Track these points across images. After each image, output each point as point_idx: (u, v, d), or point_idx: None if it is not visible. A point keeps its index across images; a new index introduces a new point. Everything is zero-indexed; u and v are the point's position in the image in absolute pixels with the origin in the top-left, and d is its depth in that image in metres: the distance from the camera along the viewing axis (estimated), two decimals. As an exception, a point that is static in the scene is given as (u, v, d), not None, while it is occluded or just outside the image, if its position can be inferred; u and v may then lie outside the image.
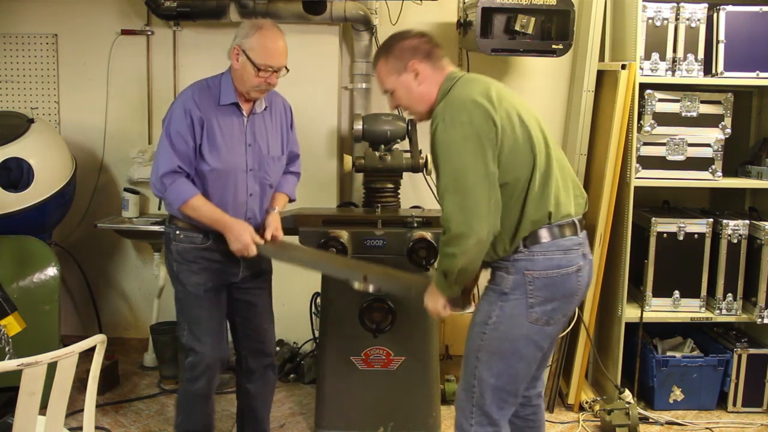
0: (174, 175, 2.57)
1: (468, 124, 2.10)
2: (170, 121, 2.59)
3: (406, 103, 2.32)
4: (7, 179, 3.47)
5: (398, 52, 2.27)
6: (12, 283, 3.29)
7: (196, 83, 2.69)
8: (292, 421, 3.47)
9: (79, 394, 2.12)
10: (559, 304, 2.19)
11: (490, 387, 2.22)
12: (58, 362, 1.87)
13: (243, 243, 2.62)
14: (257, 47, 2.56)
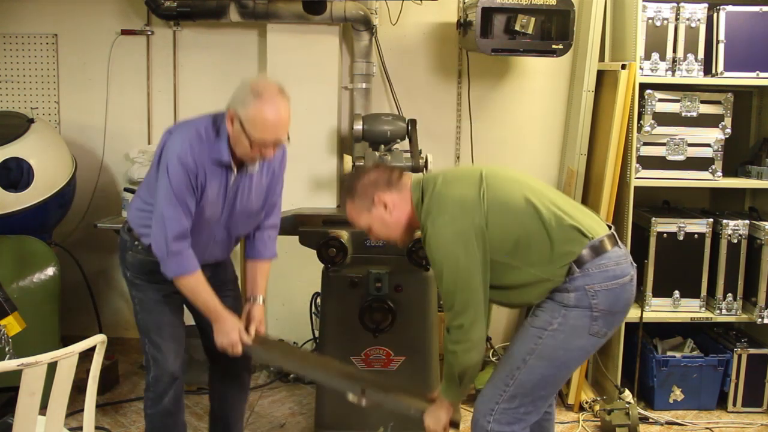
0: (183, 241, 2.36)
1: (451, 223, 2.17)
2: (171, 178, 2.31)
3: (386, 234, 2.37)
4: (7, 179, 3.47)
5: (362, 190, 2.33)
6: (12, 283, 3.29)
7: (190, 132, 2.36)
8: (292, 421, 3.47)
9: (79, 394, 2.12)
10: (619, 316, 2.24)
11: (526, 390, 2.23)
12: (58, 362, 1.87)
13: (230, 340, 2.47)
14: (254, 119, 2.25)
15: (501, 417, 2.24)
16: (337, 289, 3.12)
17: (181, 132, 2.38)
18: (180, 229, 2.35)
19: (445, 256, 2.18)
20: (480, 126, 4.13)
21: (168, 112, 4.16)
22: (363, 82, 3.97)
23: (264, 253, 2.68)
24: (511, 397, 2.23)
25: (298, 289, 3.96)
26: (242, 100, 2.26)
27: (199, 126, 2.37)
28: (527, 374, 2.22)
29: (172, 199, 2.32)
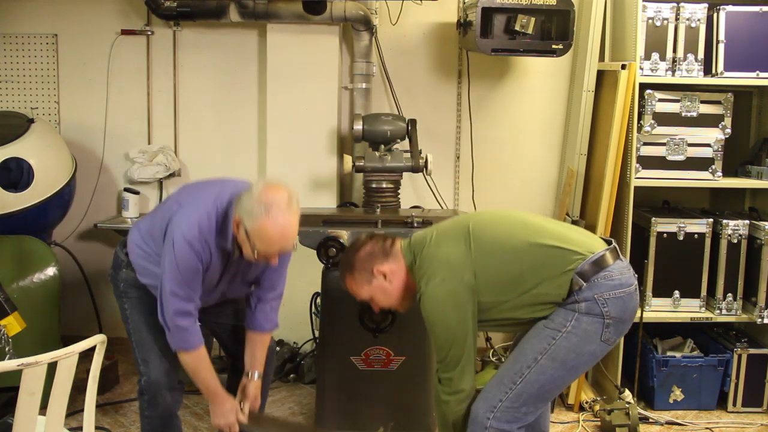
0: (188, 318, 2.39)
1: (441, 284, 2.25)
2: (178, 259, 2.31)
3: (389, 303, 2.44)
4: (7, 179, 3.47)
5: (360, 265, 2.40)
6: (12, 283, 3.29)
7: (200, 214, 2.35)
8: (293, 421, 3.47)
9: (79, 394, 2.12)
10: (627, 324, 2.30)
11: (533, 389, 2.26)
12: (58, 362, 1.87)
13: (227, 422, 2.51)
14: (259, 234, 2.26)
15: (502, 414, 2.26)
16: (337, 289, 3.11)
17: (191, 211, 2.37)
18: (185, 307, 2.37)
19: (437, 316, 2.27)
20: (480, 126, 4.13)
21: (168, 112, 4.16)
22: (363, 82, 3.97)
23: (265, 326, 2.67)
24: (517, 395, 2.26)
25: (298, 289, 3.95)
26: (249, 212, 2.25)
27: (209, 209, 2.36)
28: (537, 374, 2.25)
29: (178, 277, 2.33)
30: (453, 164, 4.19)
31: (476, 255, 2.29)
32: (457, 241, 2.33)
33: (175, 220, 2.37)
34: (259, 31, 4.05)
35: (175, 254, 2.32)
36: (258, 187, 2.29)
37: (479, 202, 4.11)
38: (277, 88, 3.95)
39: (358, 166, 3.41)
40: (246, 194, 2.29)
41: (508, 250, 2.31)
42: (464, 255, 2.29)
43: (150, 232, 2.51)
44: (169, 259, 2.33)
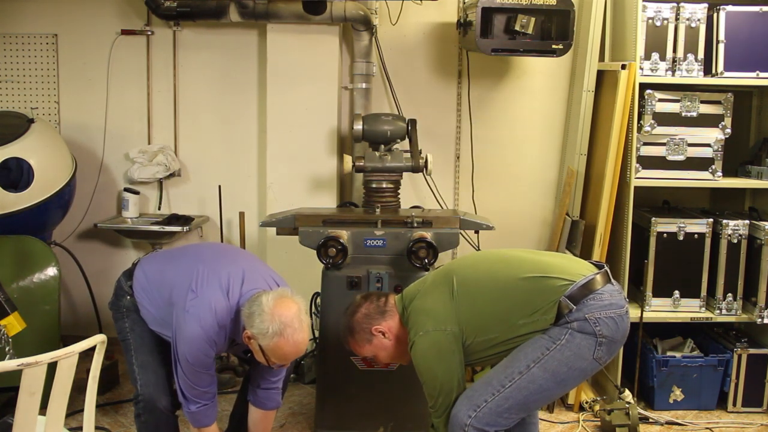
0: (204, 398, 2.49)
1: (425, 336, 2.34)
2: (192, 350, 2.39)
3: (390, 358, 2.54)
4: (7, 179, 3.47)
5: (358, 327, 2.50)
6: (12, 283, 3.29)
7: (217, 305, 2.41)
8: (292, 421, 3.47)
9: (79, 394, 2.12)
10: (617, 345, 2.33)
11: (520, 396, 2.28)
12: (58, 362, 1.87)
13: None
14: (274, 351, 2.35)
15: (484, 416, 2.28)
16: (337, 289, 3.12)
17: (208, 303, 2.41)
18: (201, 390, 2.47)
19: (425, 367, 2.36)
20: (480, 126, 4.13)
21: (168, 112, 4.16)
22: (363, 82, 3.98)
23: (267, 405, 2.76)
24: (503, 399, 2.28)
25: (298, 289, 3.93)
26: (264, 332, 2.30)
27: (223, 303, 2.42)
28: (527, 381, 2.26)
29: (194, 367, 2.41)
30: (453, 164, 4.19)
31: (461, 301, 2.36)
32: (442, 291, 2.40)
33: (190, 309, 2.41)
34: (259, 31, 4.05)
35: (190, 343, 2.39)
36: (269, 304, 2.32)
37: (479, 202, 4.11)
38: (277, 88, 3.95)
39: (358, 166, 3.41)
40: (256, 310, 2.32)
41: (492, 289, 2.38)
42: (448, 304, 2.37)
43: (158, 287, 2.59)
44: (184, 345, 2.40)
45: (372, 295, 2.57)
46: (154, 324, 2.63)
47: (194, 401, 2.48)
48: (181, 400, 2.50)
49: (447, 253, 4.04)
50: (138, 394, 2.64)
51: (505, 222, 3.18)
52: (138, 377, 2.65)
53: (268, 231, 3.70)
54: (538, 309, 2.29)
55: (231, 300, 2.43)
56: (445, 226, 3.16)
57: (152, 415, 2.63)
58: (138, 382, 2.64)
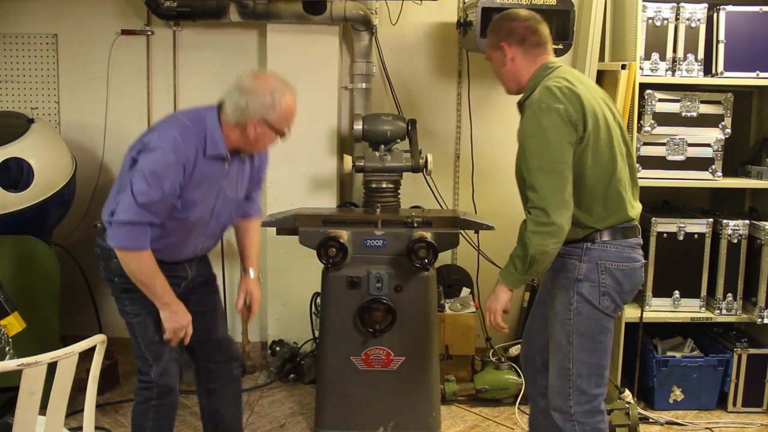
0: (141, 226, 2.31)
1: (564, 112, 2.24)
2: (166, 175, 2.29)
3: (497, 74, 2.53)
4: (7, 179, 3.46)
5: (497, 31, 2.49)
6: (12, 283, 3.28)
7: (181, 126, 2.36)
8: (292, 421, 3.47)
9: (79, 394, 2.12)
10: (625, 295, 2.39)
11: (586, 365, 2.36)
12: (58, 362, 1.87)
13: (182, 325, 2.43)
14: (284, 118, 2.39)
15: (578, 398, 2.37)
16: (337, 289, 3.13)
17: (173, 129, 2.36)
18: (145, 219, 2.30)
19: (535, 130, 2.26)
20: (480, 126, 4.14)
21: (168, 112, 4.15)
22: (363, 82, 3.98)
23: (251, 212, 2.76)
24: (578, 376, 2.36)
25: (298, 289, 3.96)
26: (267, 106, 2.34)
27: (186, 122, 2.38)
28: (579, 351, 2.36)
29: (154, 192, 2.28)
30: (453, 164, 4.19)
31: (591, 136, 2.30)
32: (581, 86, 2.36)
33: (148, 141, 2.34)
34: (259, 31, 4.05)
35: (162, 167, 2.28)
36: (250, 84, 2.36)
37: (479, 202, 4.11)
38: (277, 88, 3.94)
39: (358, 166, 3.41)
40: (244, 97, 2.34)
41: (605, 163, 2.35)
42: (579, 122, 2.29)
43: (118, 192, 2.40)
44: (151, 175, 2.27)
45: (533, 28, 2.45)
46: None
47: (143, 223, 2.29)
48: (120, 225, 2.28)
49: (447, 253, 4.06)
50: (151, 381, 2.57)
51: (505, 222, 3.18)
52: (153, 365, 2.57)
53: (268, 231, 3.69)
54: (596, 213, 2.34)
55: (190, 119, 2.38)
56: (445, 226, 3.16)
57: (166, 399, 2.61)
58: (153, 369, 2.57)
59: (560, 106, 2.24)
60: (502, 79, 2.51)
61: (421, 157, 3.42)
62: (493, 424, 3.46)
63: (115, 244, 2.32)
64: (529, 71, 2.42)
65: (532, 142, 2.27)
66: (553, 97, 2.26)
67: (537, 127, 2.25)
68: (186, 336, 2.49)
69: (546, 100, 2.26)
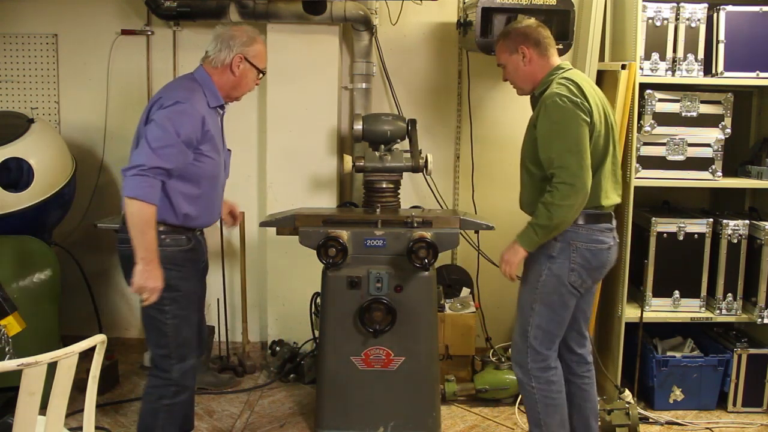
0: (160, 172, 2.46)
1: (581, 104, 2.57)
2: (182, 122, 2.50)
3: (512, 78, 2.81)
4: (7, 179, 3.47)
5: (513, 36, 2.77)
6: (12, 283, 3.29)
7: (186, 83, 2.69)
8: (292, 421, 3.47)
9: (79, 394, 2.12)
10: (592, 273, 2.70)
11: (542, 330, 2.72)
12: (58, 362, 1.87)
13: (155, 286, 2.45)
14: (260, 54, 2.73)
15: (534, 357, 2.74)
16: (337, 289, 3.13)
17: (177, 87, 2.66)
18: (164, 164, 2.46)
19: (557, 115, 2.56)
20: (480, 126, 4.14)
21: (168, 112, 4.16)
22: (363, 82, 3.98)
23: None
24: (534, 338, 2.73)
25: (298, 289, 3.96)
26: (245, 43, 2.69)
27: (187, 80, 2.71)
28: (538, 317, 2.72)
29: (175, 138, 2.48)
30: (453, 164, 4.19)
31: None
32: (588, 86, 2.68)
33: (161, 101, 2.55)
34: (259, 31, 4.02)
35: (181, 119, 2.51)
36: (228, 30, 2.73)
37: (479, 202, 4.11)
38: (277, 88, 3.95)
39: (358, 166, 3.41)
40: (222, 39, 2.70)
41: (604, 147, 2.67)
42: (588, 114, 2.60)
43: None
44: (173, 124, 2.49)
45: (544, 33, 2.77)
46: None
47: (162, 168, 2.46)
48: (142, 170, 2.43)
49: (447, 253, 4.06)
50: (171, 379, 2.63)
51: (505, 222, 3.18)
52: (176, 365, 2.63)
53: (268, 231, 3.70)
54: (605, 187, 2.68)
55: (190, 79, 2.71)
56: (445, 226, 3.16)
57: (179, 398, 2.68)
58: (174, 368, 2.63)
59: (577, 99, 2.56)
60: (519, 81, 2.79)
61: (421, 157, 3.42)
62: (493, 424, 3.46)
63: (127, 194, 2.43)
64: (543, 71, 2.73)
65: (558, 128, 2.57)
66: (571, 91, 2.58)
67: (561, 115, 2.56)
68: (147, 301, 2.47)
69: (566, 93, 2.58)
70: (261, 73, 2.76)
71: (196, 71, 2.75)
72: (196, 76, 2.73)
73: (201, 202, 2.63)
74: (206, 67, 2.74)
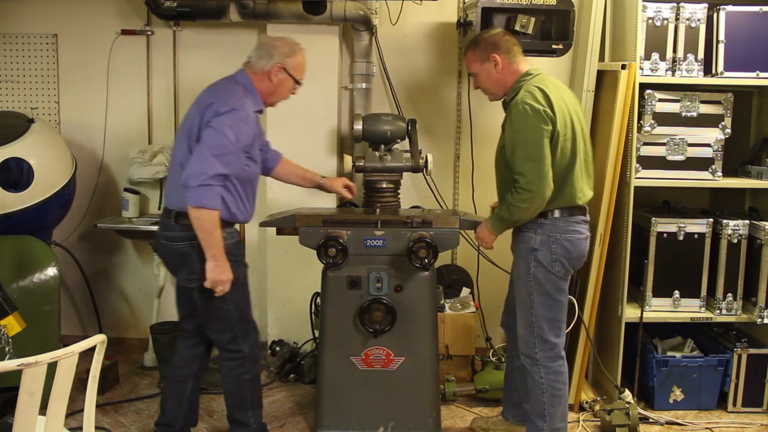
0: (220, 178, 2.65)
1: (543, 112, 2.70)
2: (239, 129, 2.69)
3: (485, 85, 2.96)
4: (7, 179, 3.47)
5: (484, 44, 2.90)
6: (12, 283, 3.29)
7: (234, 87, 2.83)
8: (292, 421, 3.47)
9: (79, 394, 2.12)
10: (572, 261, 2.86)
11: (545, 319, 2.86)
12: (58, 362, 1.87)
13: (227, 279, 2.71)
14: (299, 66, 2.92)
15: (542, 346, 2.87)
16: (337, 289, 3.13)
17: (229, 92, 2.79)
18: (226, 171, 2.65)
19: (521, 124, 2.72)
20: (480, 126, 4.13)
21: (168, 112, 4.17)
22: (363, 82, 3.97)
23: (278, 154, 3.28)
24: (540, 327, 2.86)
25: (298, 289, 3.96)
26: (287, 53, 2.88)
27: (236, 86, 2.83)
28: (540, 308, 2.86)
29: (230, 145, 2.65)
30: (453, 164, 4.19)
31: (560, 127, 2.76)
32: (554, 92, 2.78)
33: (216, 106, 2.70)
34: (259, 31, 4.05)
35: (240, 125, 2.69)
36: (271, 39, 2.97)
37: (479, 202, 4.11)
38: (277, 88, 3.94)
39: (358, 166, 3.41)
40: (265, 48, 2.88)
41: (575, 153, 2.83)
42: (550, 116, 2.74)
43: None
44: (233, 131, 2.66)
45: (513, 40, 2.93)
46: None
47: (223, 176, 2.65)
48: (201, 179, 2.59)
49: (447, 253, 4.06)
50: (245, 355, 2.91)
51: (505, 222, 3.19)
52: (242, 342, 2.90)
53: (268, 231, 3.70)
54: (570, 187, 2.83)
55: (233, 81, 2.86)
56: (445, 226, 3.16)
57: (256, 368, 2.98)
58: (243, 345, 2.90)
59: (539, 107, 2.70)
60: (491, 88, 2.94)
61: (421, 157, 3.42)
62: (493, 424, 3.46)
63: (193, 204, 2.62)
64: (513, 77, 2.87)
65: (519, 136, 2.74)
66: (535, 98, 2.72)
67: (523, 123, 2.72)
68: (220, 292, 2.73)
69: (528, 101, 2.72)
70: (297, 83, 2.94)
71: (238, 75, 2.89)
72: (240, 81, 2.86)
73: (245, 200, 2.85)
74: (247, 71, 2.88)
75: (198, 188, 2.60)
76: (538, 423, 2.91)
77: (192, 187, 2.60)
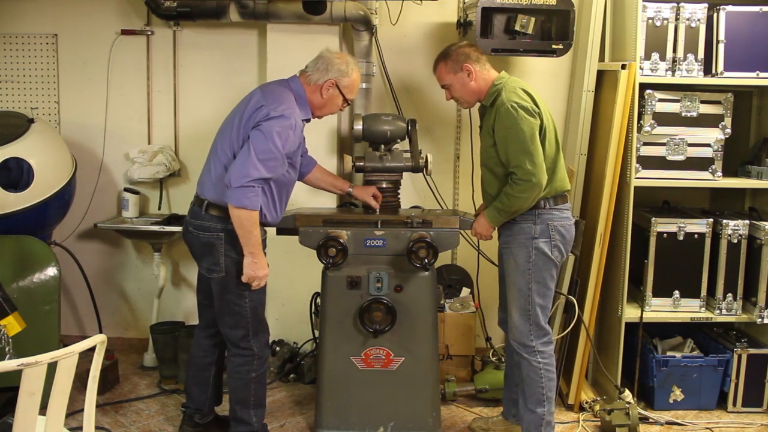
0: (263, 182, 2.74)
1: (531, 108, 2.87)
2: (287, 136, 2.77)
3: (459, 95, 3.07)
4: (7, 179, 3.47)
5: (455, 56, 3.02)
6: (12, 283, 3.29)
7: (287, 93, 2.90)
8: (292, 421, 3.47)
9: (79, 394, 2.13)
10: (566, 246, 3.02)
11: (539, 306, 2.98)
12: (58, 362, 1.87)
13: (264, 275, 2.86)
14: (353, 85, 2.98)
15: (537, 333, 2.98)
16: (337, 289, 3.13)
17: (281, 97, 2.85)
18: (267, 175, 2.73)
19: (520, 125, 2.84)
20: (480, 126, 4.13)
21: (168, 112, 4.17)
22: (363, 82, 3.96)
23: (313, 161, 3.35)
24: (535, 315, 2.97)
25: (298, 289, 3.96)
26: (342, 72, 2.93)
27: (288, 93, 2.90)
28: (536, 296, 2.97)
29: (277, 151, 2.73)
30: (453, 164, 4.19)
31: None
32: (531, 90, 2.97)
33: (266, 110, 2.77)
34: (259, 31, 4.05)
35: (286, 132, 2.76)
36: (331, 55, 2.98)
37: (479, 202, 4.10)
38: (277, 88, 3.94)
39: (358, 166, 3.41)
40: (325, 63, 2.93)
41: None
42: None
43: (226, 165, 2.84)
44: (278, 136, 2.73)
45: (480, 49, 3.09)
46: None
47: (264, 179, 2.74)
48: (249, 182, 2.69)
49: (447, 253, 4.05)
50: (254, 352, 2.97)
51: (505, 222, 3.19)
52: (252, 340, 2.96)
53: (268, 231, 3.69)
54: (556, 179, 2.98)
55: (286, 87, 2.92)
56: (445, 226, 3.17)
57: (263, 367, 3.03)
58: (253, 343, 2.97)
59: (526, 104, 2.86)
60: (466, 96, 3.06)
61: (421, 157, 3.42)
62: (493, 424, 3.46)
63: (235, 204, 2.71)
64: (487, 83, 3.01)
65: (511, 132, 2.86)
66: (521, 97, 2.89)
67: (514, 120, 2.85)
68: (256, 286, 2.87)
69: (515, 99, 2.87)
70: (347, 102, 3.01)
71: (292, 81, 2.96)
72: (293, 88, 2.93)
73: (277, 204, 2.94)
74: (301, 79, 2.96)
75: (240, 189, 2.69)
76: (537, 411, 2.98)
77: (234, 187, 2.69)
